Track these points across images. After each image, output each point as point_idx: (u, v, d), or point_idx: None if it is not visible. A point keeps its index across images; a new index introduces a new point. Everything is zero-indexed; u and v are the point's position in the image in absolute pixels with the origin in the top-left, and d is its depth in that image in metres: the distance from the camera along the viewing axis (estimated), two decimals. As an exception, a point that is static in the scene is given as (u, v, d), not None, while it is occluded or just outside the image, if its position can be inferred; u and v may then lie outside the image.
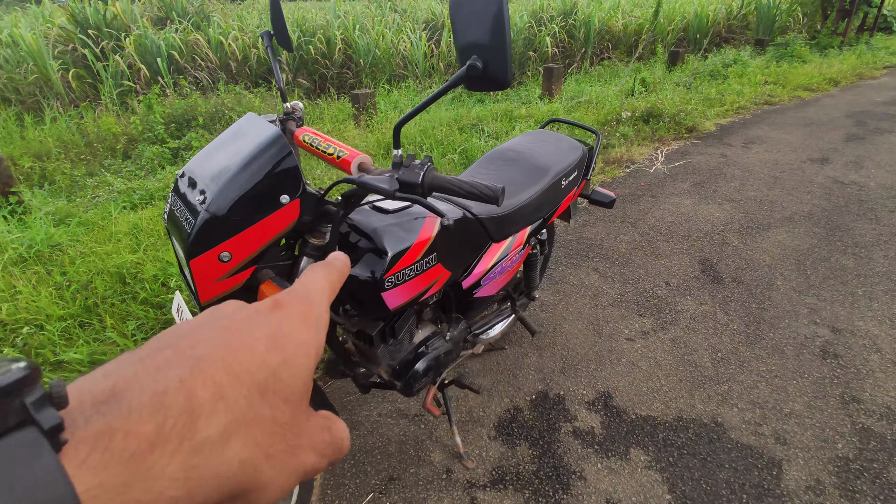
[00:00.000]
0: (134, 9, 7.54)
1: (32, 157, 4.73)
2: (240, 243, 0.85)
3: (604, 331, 2.34)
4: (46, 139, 5.06)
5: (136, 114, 5.46)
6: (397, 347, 1.42)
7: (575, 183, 1.86)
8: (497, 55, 0.86)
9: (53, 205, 3.67)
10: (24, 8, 9.46)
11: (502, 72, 0.87)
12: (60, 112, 6.01)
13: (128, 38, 6.68)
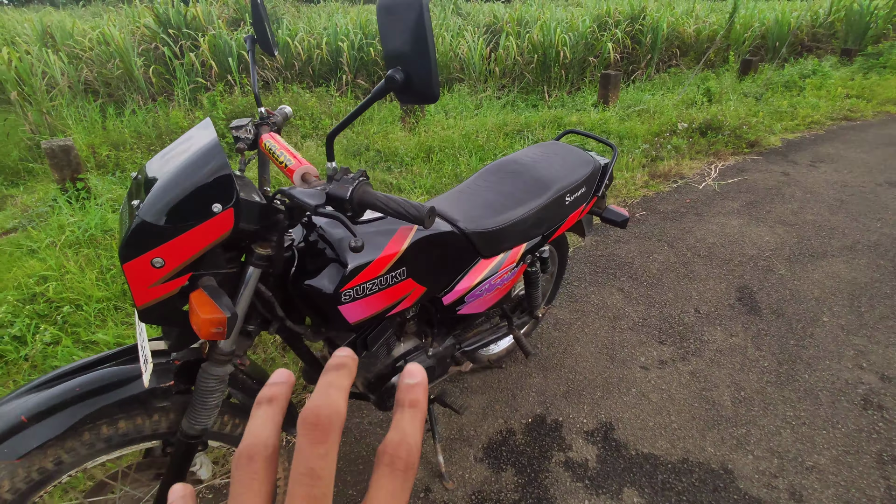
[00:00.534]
0: (212, 10, 8.02)
1: (110, 147, 5.11)
2: (172, 250, 0.86)
3: (617, 356, 2.21)
4: (123, 130, 5.44)
5: (202, 109, 5.78)
6: (372, 360, 1.40)
7: (583, 199, 1.76)
8: (420, 66, 0.82)
9: (116, 192, 3.95)
10: (118, 8, 10.31)
11: (426, 84, 0.82)
12: (140, 105, 6.49)
13: (204, 38, 7.09)
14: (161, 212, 0.85)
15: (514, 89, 7.20)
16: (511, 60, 7.29)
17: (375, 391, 1.43)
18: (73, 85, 6.76)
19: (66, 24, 8.03)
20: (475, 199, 1.56)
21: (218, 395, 1.05)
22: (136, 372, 1.02)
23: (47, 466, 0.97)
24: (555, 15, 7.77)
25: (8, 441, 0.90)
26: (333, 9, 10.21)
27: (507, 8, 9.75)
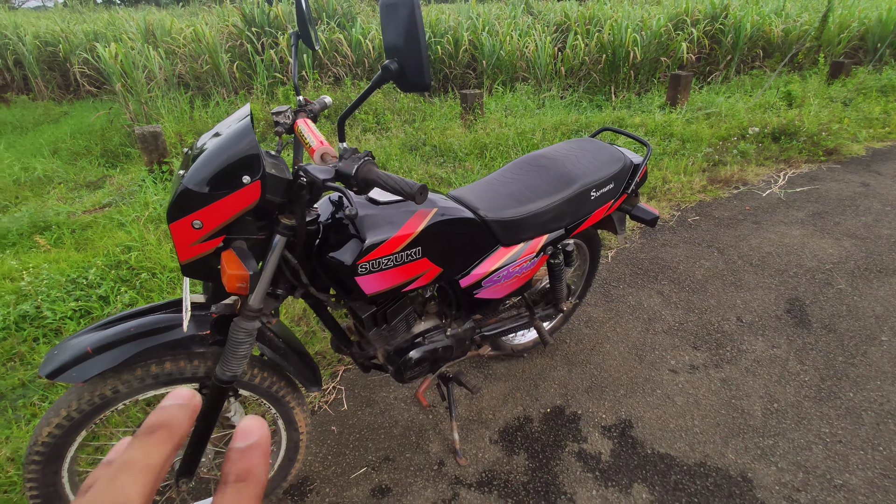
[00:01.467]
0: (292, 10, 8.50)
1: (195, 135, 5.60)
2: (209, 214, 1.00)
3: (647, 357, 2.19)
4: (208, 120, 5.91)
5: (276, 102, 6.17)
6: (391, 333, 1.51)
7: (611, 196, 1.78)
8: (412, 57, 0.91)
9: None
10: (211, 8, 11.15)
11: (419, 73, 0.92)
12: (223, 98, 7.03)
13: (283, 36, 7.53)
14: (201, 181, 0.99)
15: (580, 89, 7.10)
16: (578, 60, 7.19)
17: (394, 363, 1.54)
18: (168, 78, 7.41)
19: (165, 23, 8.79)
20: (499, 189, 1.63)
21: (246, 347, 1.20)
22: (181, 320, 1.19)
23: (106, 393, 1.16)
24: (627, 14, 7.56)
25: (76, 367, 1.09)
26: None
27: (581, 7, 9.59)
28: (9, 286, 2.65)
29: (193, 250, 1.04)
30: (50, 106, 8.31)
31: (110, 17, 10.23)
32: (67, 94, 9.20)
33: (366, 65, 7.51)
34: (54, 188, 4.97)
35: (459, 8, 9.97)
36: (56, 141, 6.23)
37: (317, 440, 1.83)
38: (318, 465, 1.74)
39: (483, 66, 7.41)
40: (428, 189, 0.99)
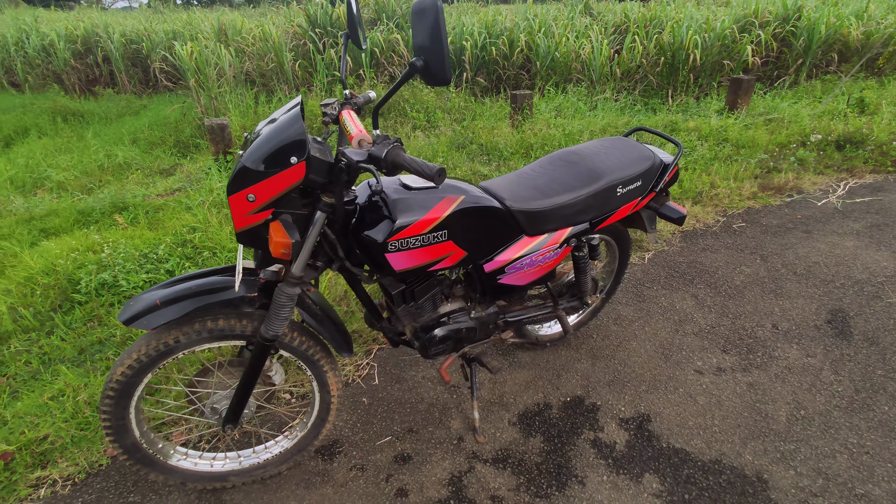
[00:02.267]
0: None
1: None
2: (261, 189, 1.16)
3: (673, 357, 2.21)
4: (269, 114, 6.26)
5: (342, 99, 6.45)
6: (418, 311, 1.63)
7: (638, 193, 1.83)
8: (435, 56, 1.04)
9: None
10: (279, 9, 11.74)
11: (441, 69, 1.04)
12: (286, 94, 7.43)
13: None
14: (256, 160, 1.15)
15: (636, 92, 6.99)
16: (635, 62, 7.08)
17: (419, 339, 1.66)
18: (236, 75, 7.90)
19: (237, 23, 9.35)
20: (527, 182, 1.72)
21: (288, 310, 1.36)
22: (234, 282, 1.36)
23: (170, 342, 1.34)
24: (689, 15, 7.37)
25: (147, 316, 1.28)
26: (465, 9, 10.65)
27: (643, 8, 9.41)
28: (91, 257, 2.97)
29: (247, 220, 1.21)
30: (132, 99, 9.04)
31: (188, 18, 10.96)
32: (147, 88, 9.94)
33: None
34: (132, 174, 5.45)
35: (517, 9, 10.03)
36: (136, 131, 6.79)
37: (348, 409, 1.99)
38: (347, 430, 1.89)
39: (537, 67, 7.44)
40: (446, 172, 1.11)
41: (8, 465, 1.68)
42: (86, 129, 7.24)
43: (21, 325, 2.48)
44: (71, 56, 9.83)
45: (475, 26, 7.75)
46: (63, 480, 1.68)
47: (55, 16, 12.44)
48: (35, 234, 3.60)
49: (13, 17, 11.24)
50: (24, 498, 1.62)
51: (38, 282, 2.75)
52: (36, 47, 9.91)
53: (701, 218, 3.40)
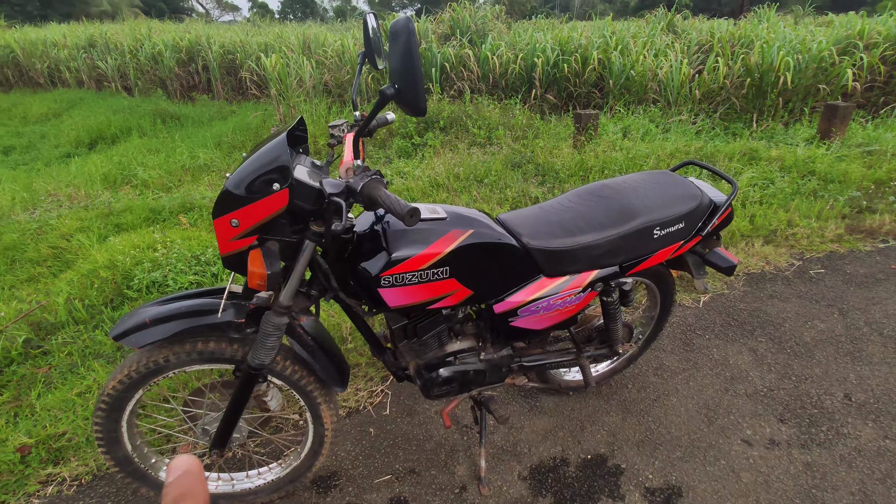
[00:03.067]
0: (428, 27, 8.99)
1: (327, 137, 6.16)
2: (244, 214, 1.12)
3: (718, 421, 1.95)
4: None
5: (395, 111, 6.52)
6: (422, 348, 1.53)
7: (680, 236, 1.62)
8: (408, 82, 0.93)
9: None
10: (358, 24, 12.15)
11: (414, 98, 0.94)
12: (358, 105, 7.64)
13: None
14: (238, 185, 1.11)
15: (716, 115, 6.52)
16: (718, 83, 6.61)
17: (422, 378, 1.55)
18: (315, 85, 8.25)
19: (321, 37, 9.79)
20: (550, 217, 1.57)
21: (274, 339, 1.30)
22: (224, 307, 1.33)
23: (159, 361, 1.33)
24: (782, 35, 6.80)
25: (135, 334, 1.28)
26: (540, 25, 10.50)
27: (732, 26, 8.81)
28: (149, 255, 3.13)
29: (231, 245, 1.17)
30: (223, 105, 9.69)
31: (280, 31, 11.64)
32: (238, 95, 10.62)
33: (490, 80, 7.65)
34: (208, 175, 5.79)
35: (595, 25, 9.74)
36: (220, 135, 7.23)
37: (354, 438, 1.92)
38: (348, 462, 1.82)
39: (610, 85, 7.15)
40: (420, 213, 1.00)
41: (24, 458, 1.76)
42: (179, 131, 7.82)
43: (74, 317, 2.63)
44: (175, 64, 10.74)
45: (548, 43, 7.58)
46: (71, 480, 1.73)
47: (167, 27, 13.65)
48: (109, 228, 3.87)
49: (131, 28, 12.46)
50: (31, 494, 1.69)
51: (98, 275, 2.93)
52: (147, 55, 10.91)
53: (772, 260, 3.04)
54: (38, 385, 2.11)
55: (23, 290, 2.97)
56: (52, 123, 9.18)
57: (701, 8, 30.13)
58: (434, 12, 10.11)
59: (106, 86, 11.41)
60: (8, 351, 2.30)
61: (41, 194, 5.00)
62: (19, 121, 9.56)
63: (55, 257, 3.41)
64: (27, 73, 12.16)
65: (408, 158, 5.49)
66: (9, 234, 3.63)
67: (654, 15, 10.39)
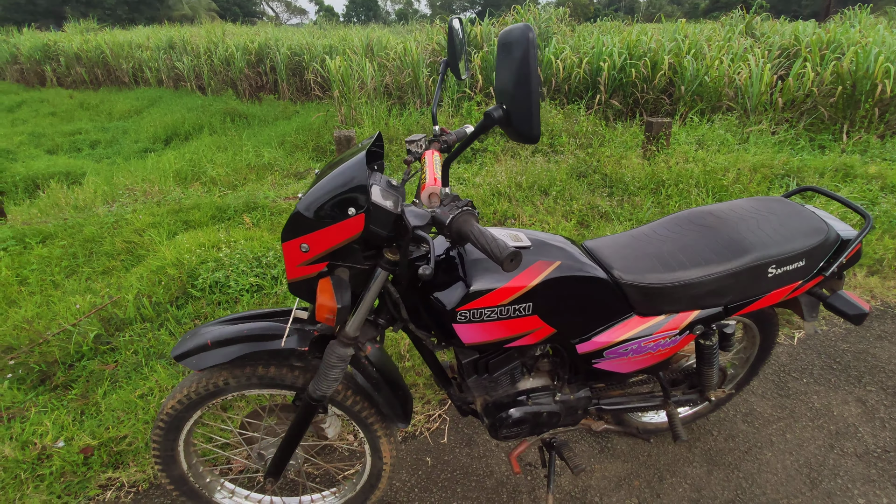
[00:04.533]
0: (491, 30, 8.84)
1: (385, 140, 6.16)
2: (315, 239, 1.02)
3: (823, 484, 1.70)
4: (399, 127, 6.44)
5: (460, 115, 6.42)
6: (493, 385, 1.40)
7: (799, 276, 1.40)
8: (521, 105, 0.80)
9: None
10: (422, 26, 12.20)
11: (527, 124, 0.80)
12: (416, 108, 7.62)
13: (478, 54, 7.86)
14: (311, 207, 1.02)
15: (801, 125, 6.00)
16: (804, 91, 6.09)
17: (490, 416, 1.42)
18: (377, 87, 8.30)
19: (383, 39, 9.87)
20: (646, 248, 1.40)
21: (338, 371, 1.21)
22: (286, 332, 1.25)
23: (219, 383, 1.27)
24: (881, 39, 6.18)
25: (197, 356, 1.22)
26: (606, 28, 10.11)
27: (818, 29, 8.14)
28: (214, 254, 3.17)
29: (300, 271, 1.08)
30: (288, 105, 9.96)
31: (344, 34, 11.85)
32: (302, 96, 10.90)
33: (553, 84, 7.41)
34: (272, 174, 5.91)
35: (665, 28, 9.27)
36: (284, 134, 7.40)
37: (410, 466, 1.81)
38: (403, 494, 1.71)
39: (681, 91, 6.76)
40: (522, 256, 0.87)
41: (87, 460, 1.77)
42: (246, 130, 8.08)
43: (142, 314, 2.68)
44: (245, 65, 11.16)
45: (615, 46, 7.26)
46: (129, 486, 1.72)
47: (240, 30, 14.24)
48: (178, 224, 3.98)
49: (207, 31, 13.06)
50: (91, 497, 1.68)
51: (165, 272, 2.99)
52: (220, 57, 11.40)
53: (879, 294, 2.70)
54: (104, 383, 2.13)
55: (97, 283, 3.07)
56: (133, 120, 9.73)
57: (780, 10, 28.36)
58: (496, 14, 9.96)
59: (182, 85, 12.01)
60: (80, 345, 2.36)
61: (119, 188, 5.25)
62: (105, 117, 10.20)
63: (128, 251, 3.52)
64: (114, 72, 12.98)
65: (467, 164, 5.37)
66: (89, 227, 3.79)
67: (731, 17, 9.78)
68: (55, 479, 1.70)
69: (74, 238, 3.66)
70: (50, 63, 13.32)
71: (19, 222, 4.10)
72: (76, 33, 14.41)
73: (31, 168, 6.41)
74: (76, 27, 15.29)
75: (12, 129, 9.12)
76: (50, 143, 8.26)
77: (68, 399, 2.06)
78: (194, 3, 33.34)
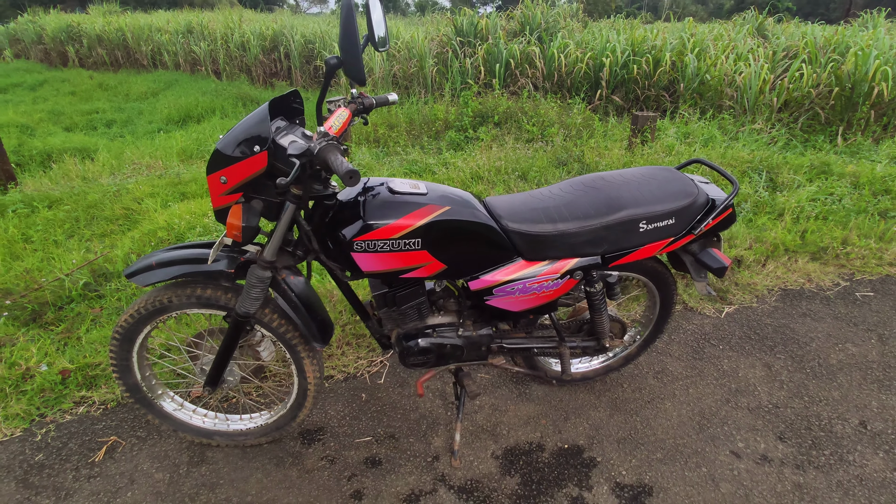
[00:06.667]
0: (498, 22, 8.99)
1: (386, 127, 6.37)
2: (231, 172, 1.25)
3: (710, 430, 1.89)
4: (400, 115, 6.63)
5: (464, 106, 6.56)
6: (401, 317, 1.61)
7: (669, 233, 1.59)
8: (349, 54, 1.03)
9: (363, 160, 4.97)
10: (434, 17, 12.38)
11: (355, 68, 1.03)
12: (420, 97, 7.82)
13: (482, 46, 8.02)
14: (227, 145, 1.25)
15: (796, 126, 6.07)
16: (801, 92, 6.15)
17: (400, 346, 1.64)
18: (384, 76, 8.51)
19: (394, 30, 10.07)
20: (537, 203, 1.60)
21: (258, 291, 1.44)
22: (222, 256, 1.48)
23: (164, 301, 1.50)
24: (881, 41, 6.21)
25: (143, 274, 1.46)
26: (619, 25, 10.17)
27: (829, 31, 8.13)
28: (202, 221, 3.41)
29: (221, 200, 1.31)
30: (300, 92, 10.21)
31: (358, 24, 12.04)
32: (313, 83, 11.14)
33: (555, 78, 7.54)
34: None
35: (674, 27, 9.32)
36: (290, 119, 7.61)
37: (345, 400, 2.04)
38: (335, 421, 1.94)
39: (681, 89, 6.86)
40: (358, 175, 1.08)
41: (65, 380, 2.03)
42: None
43: (130, 269, 2.95)
44: (260, 51, 11.44)
45: (618, 43, 7.37)
46: (99, 403, 1.98)
47: (257, 17, 14.53)
48: (175, 196, 4.25)
49: (225, 17, 13.39)
50: (66, 410, 1.94)
51: (156, 235, 3.25)
52: (236, 43, 11.70)
53: (815, 278, 2.85)
54: (87, 322, 2.40)
55: (95, 244, 3.35)
56: (149, 101, 10.09)
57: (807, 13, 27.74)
58: (513, 8, 10.07)
59: (198, 69, 12.35)
60: (70, 291, 2.63)
61: (127, 163, 5.56)
62: (123, 98, 10.58)
63: (126, 217, 3.80)
64: (134, 54, 13.40)
65: (458, 151, 5.57)
66: (92, 195, 4.08)
67: (743, 18, 9.79)
68: (35, 395, 1.97)
69: (78, 204, 3.95)
70: (73, 44, 13.78)
71: (30, 189, 4.42)
72: (99, 15, 14.87)
73: (48, 143, 6.75)
74: (99, 10, 15.75)
75: (33, 106, 9.53)
76: (68, 121, 8.63)
77: (55, 333, 2.33)
78: (217, -9, 33.89)
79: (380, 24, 1.58)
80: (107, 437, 1.83)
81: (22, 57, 15.19)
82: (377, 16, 1.57)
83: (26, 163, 6.38)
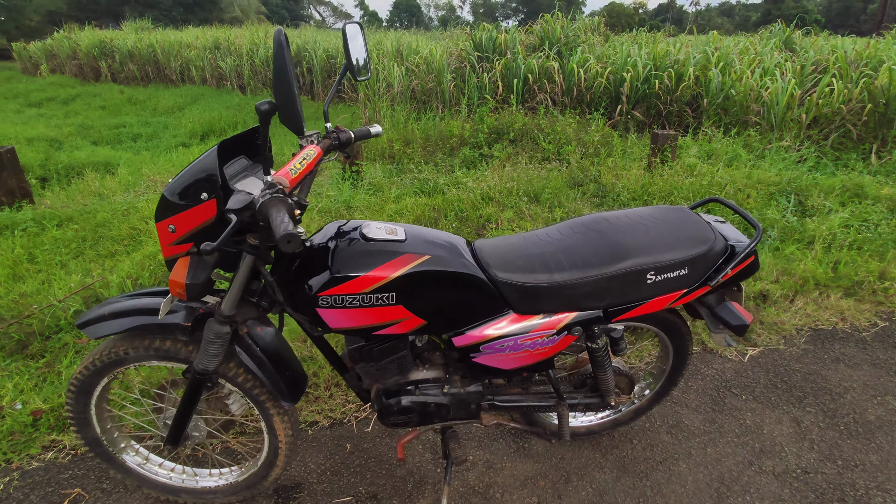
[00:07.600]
0: (516, 37, 8.86)
1: (402, 142, 6.27)
2: (179, 221, 1.13)
3: (729, 500, 1.67)
4: (415, 130, 6.52)
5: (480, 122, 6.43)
6: (380, 372, 1.46)
7: (682, 284, 1.41)
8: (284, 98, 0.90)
9: (375, 177, 4.87)
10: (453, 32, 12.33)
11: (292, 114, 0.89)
12: (437, 112, 7.73)
13: (500, 61, 7.90)
14: (173, 192, 1.13)
15: (827, 143, 5.75)
16: (831, 108, 5.84)
17: (379, 402, 1.49)
18: (403, 91, 8.47)
19: (413, 44, 10.04)
20: (532, 249, 1.43)
21: (217, 347, 1.31)
22: (178, 307, 1.35)
23: (120, 353, 1.39)
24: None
25: (95, 325, 1.34)
26: (641, 38, 9.94)
27: (857, 44, 7.76)
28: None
29: (171, 250, 1.18)
30: (320, 106, 10.29)
31: (380, 38, 12.10)
32: (334, 98, 11.20)
33: (573, 93, 7.37)
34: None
35: (698, 40, 9.05)
36: (310, 134, 7.63)
37: (328, 451, 1.89)
38: (315, 476, 1.79)
39: (704, 105, 6.61)
40: (298, 239, 0.93)
41: (36, 422, 1.93)
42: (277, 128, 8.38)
43: (125, 295, 2.87)
44: (283, 66, 11.56)
45: (640, 57, 7.15)
46: (69, 449, 1.87)
47: (282, 32, 14.71)
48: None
49: (251, 33, 13.62)
50: (34, 455, 1.84)
51: (154, 258, 3.18)
52: (261, 58, 11.86)
53: (849, 317, 2.59)
54: (70, 354, 2.31)
55: (96, 266, 3.30)
56: (175, 116, 10.25)
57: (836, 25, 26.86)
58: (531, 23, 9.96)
59: (224, 84, 12.57)
60: (59, 320, 2.55)
61: (144, 179, 5.58)
62: (150, 112, 10.78)
63: (132, 238, 3.76)
64: (163, 69, 13.72)
65: (471, 169, 5.42)
66: (102, 213, 4.06)
67: (770, 31, 9.45)
68: (3, 437, 1.87)
69: (88, 223, 3.92)
70: (105, 59, 14.19)
71: (46, 205, 4.43)
72: (131, 32, 15.31)
73: (73, 157, 6.86)
74: (132, 26, 16.23)
75: (65, 120, 9.78)
76: (96, 135, 8.81)
77: (35, 367, 2.24)
78: (245, 6, 34.80)
79: (360, 51, 1.45)
80: (71, 488, 1.72)
81: (57, 72, 15.71)
82: (357, 44, 1.45)
83: (51, 176, 6.47)
